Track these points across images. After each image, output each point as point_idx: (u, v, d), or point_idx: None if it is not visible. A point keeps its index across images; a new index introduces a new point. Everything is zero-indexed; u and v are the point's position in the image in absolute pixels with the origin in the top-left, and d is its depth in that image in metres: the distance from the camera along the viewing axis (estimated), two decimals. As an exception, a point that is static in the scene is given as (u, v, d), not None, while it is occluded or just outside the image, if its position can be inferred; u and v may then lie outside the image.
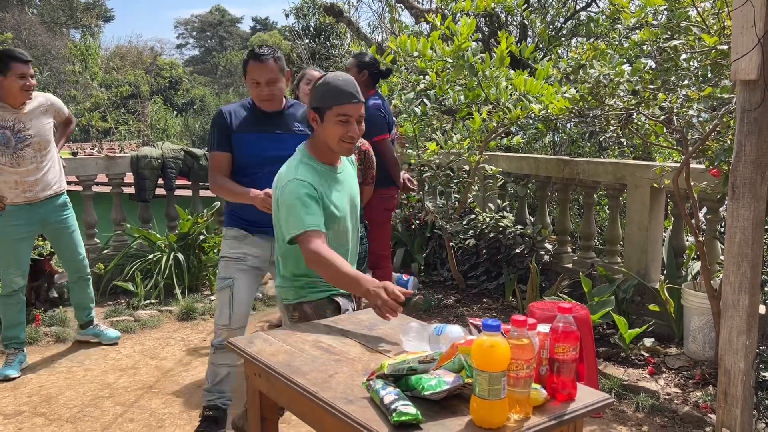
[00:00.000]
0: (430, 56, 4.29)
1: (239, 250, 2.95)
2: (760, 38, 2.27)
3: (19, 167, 3.66)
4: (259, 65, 2.79)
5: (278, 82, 2.84)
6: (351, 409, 1.53)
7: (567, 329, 1.54)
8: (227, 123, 2.87)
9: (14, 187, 3.67)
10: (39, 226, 3.84)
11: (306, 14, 14.51)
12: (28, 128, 3.67)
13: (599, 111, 3.79)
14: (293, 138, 2.82)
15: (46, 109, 3.80)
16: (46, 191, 3.78)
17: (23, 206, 3.72)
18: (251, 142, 2.86)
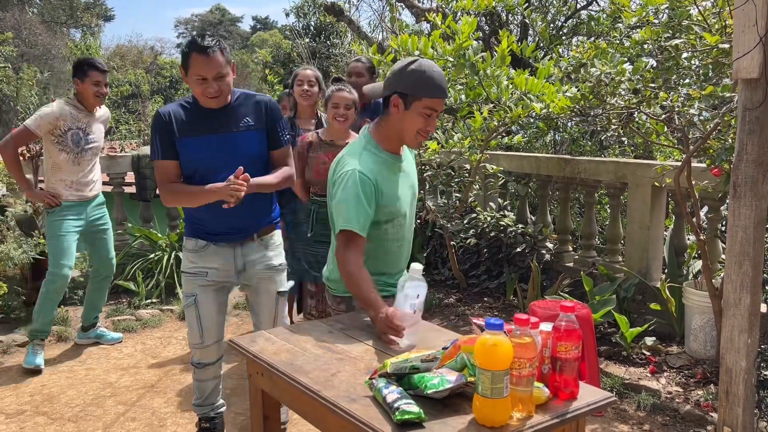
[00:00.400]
0: (431, 55, 4.28)
1: (198, 264, 2.68)
2: (762, 37, 2.27)
3: (78, 166, 3.93)
4: (205, 59, 2.43)
5: (227, 77, 2.50)
6: (354, 408, 1.53)
7: (569, 328, 1.54)
8: (169, 127, 2.53)
9: (69, 185, 3.94)
10: (84, 222, 4.05)
11: (306, 13, 14.49)
12: (93, 132, 3.98)
13: (600, 110, 3.79)
14: (245, 137, 2.57)
15: (104, 120, 4.14)
16: (93, 191, 4.07)
17: (75, 203, 3.97)
18: (199, 148, 2.53)
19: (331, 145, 3.43)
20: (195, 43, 2.45)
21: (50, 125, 3.81)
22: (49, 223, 3.94)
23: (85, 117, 3.91)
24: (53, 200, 3.88)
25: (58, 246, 3.90)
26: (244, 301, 5.10)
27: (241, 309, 4.98)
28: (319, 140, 3.48)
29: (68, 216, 3.92)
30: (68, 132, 3.85)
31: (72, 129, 3.85)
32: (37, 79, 20.46)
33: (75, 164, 3.91)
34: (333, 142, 3.43)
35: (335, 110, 3.35)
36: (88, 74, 3.83)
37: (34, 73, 20.15)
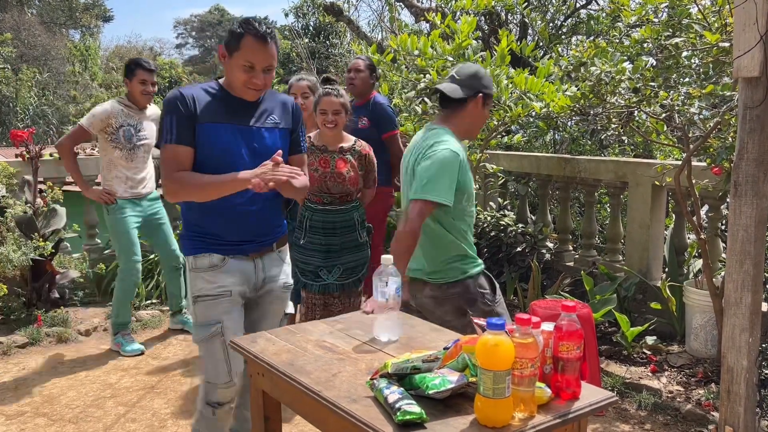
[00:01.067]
0: (430, 55, 4.28)
1: (218, 283, 2.29)
2: (763, 35, 2.26)
3: (131, 163, 4.09)
4: (261, 46, 2.18)
5: (274, 69, 2.29)
6: (355, 408, 1.52)
7: (571, 327, 1.54)
8: (190, 110, 2.22)
9: (123, 182, 4.10)
10: (142, 217, 4.21)
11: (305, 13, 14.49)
12: (146, 130, 4.13)
13: (600, 109, 3.78)
14: (270, 133, 2.35)
15: (155, 119, 4.22)
16: (147, 188, 4.22)
17: (129, 200, 4.12)
18: (224, 136, 2.25)
19: (323, 150, 3.34)
20: (252, 25, 2.16)
21: (102, 123, 3.99)
22: (111, 222, 4.12)
23: (135, 114, 4.09)
24: (109, 198, 4.07)
25: (124, 242, 4.11)
26: None
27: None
28: (311, 145, 3.37)
29: (126, 212, 4.10)
30: (120, 129, 4.02)
31: (123, 126, 4.02)
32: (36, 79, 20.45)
33: (129, 160, 4.07)
34: (325, 147, 3.35)
35: (323, 116, 3.27)
36: (135, 73, 4.04)
37: (33, 74, 20.15)
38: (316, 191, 3.32)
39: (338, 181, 3.30)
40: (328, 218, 3.34)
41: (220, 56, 2.29)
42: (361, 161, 3.40)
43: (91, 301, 5.07)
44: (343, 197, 3.35)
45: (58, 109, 21.67)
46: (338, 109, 3.26)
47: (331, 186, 3.29)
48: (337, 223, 3.35)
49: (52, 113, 21.30)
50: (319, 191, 3.32)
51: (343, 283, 3.36)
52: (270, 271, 2.42)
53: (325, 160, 3.33)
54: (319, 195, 3.34)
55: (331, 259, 3.34)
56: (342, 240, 3.36)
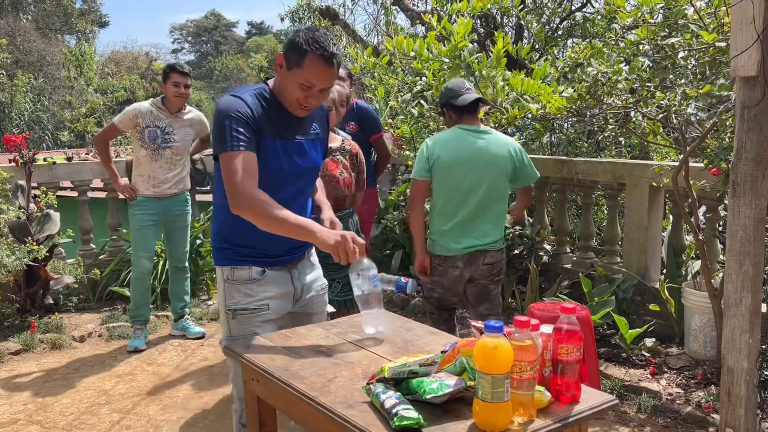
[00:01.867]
0: (426, 57, 4.27)
1: (258, 297, 2.18)
2: (760, 34, 2.25)
3: (155, 163, 4.16)
4: (326, 69, 2.02)
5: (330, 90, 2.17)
6: (351, 414, 1.50)
7: (571, 330, 1.52)
8: (252, 120, 2.05)
9: (147, 180, 4.19)
10: (162, 216, 4.30)
11: (301, 18, 14.49)
12: (175, 133, 4.19)
13: (597, 110, 3.77)
14: (312, 146, 2.24)
15: (193, 123, 4.32)
16: (172, 189, 4.27)
17: (150, 198, 4.21)
18: (275, 153, 2.12)
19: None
20: (320, 44, 2.00)
21: (130, 122, 4.12)
22: (130, 216, 4.27)
23: (166, 117, 4.16)
24: (131, 194, 4.20)
25: (136, 237, 4.25)
26: None
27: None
28: None
29: (144, 210, 4.20)
30: (146, 129, 4.10)
31: (150, 127, 4.11)
32: (32, 85, 20.41)
33: (153, 161, 4.15)
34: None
35: None
36: (169, 76, 4.12)
37: (29, 80, 20.12)
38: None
39: (332, 185, 2.98)
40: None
41: (277, 65, 2.12)
42: (353, 161, 3.13)
43: (86, 307, 5.04)
44: (337, 203, 3.01)
45: (53, 115, 21.64)
46: (330, 105, 3.03)
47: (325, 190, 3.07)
48: None
49: (47, 119, 21.26)
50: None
51: (344, 299, 3.03)
52: (305, 278, 2.34)
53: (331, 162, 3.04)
54: None
55: (328, 273, 2.92)
56: None
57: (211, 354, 4.19)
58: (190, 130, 4.29)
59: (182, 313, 4.56)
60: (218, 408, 3.41)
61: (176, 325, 4.58)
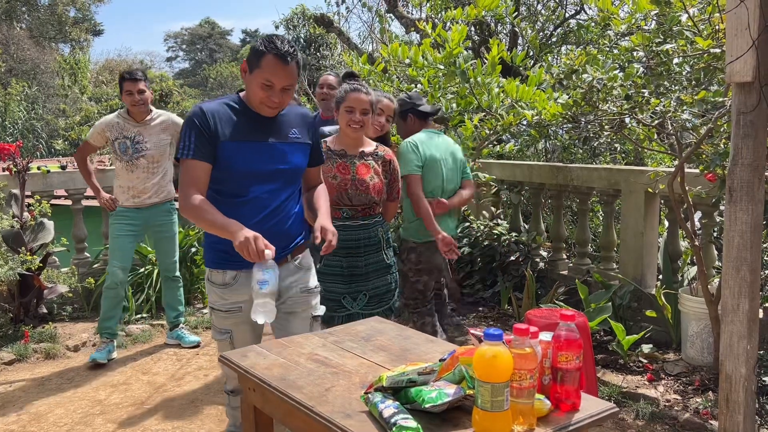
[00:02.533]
0: (421, 64, 4.27)
1: (230, 300, 2.36)
2: (755, 40, 2.25)
3: (132, 173, 4.08)
4: (281, 66, 2.17)
5: (293, 89, 2.28)
6: (349, 424, 1.48)
7: (570, 337, 1.51)
8: (211, 127, 2.22)
9: (126, 191, 4.12)
10: (144, 227, 4.25)
11: (296, 25, 14.52)
12: (146, 141, 4.08)
13: (592, 116, 3.78)
14: (290, 149, 2.33)
15: (166, 127, 4.18)
16: (153, 199, 4.17)
17: (132, 209, 4.14)
18: (245, 154, 2.26)
19: (341, 155, 2.93)
20: (274, 44, 2.16)
21: (100, 136, 4.11)
22: (109, 226, 4.23)
23: (134, 127, 4.06)
24: (111, 204, 4.16)
25: (113, 246, 4.17)
26: None
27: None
28: (327, 150, 2.93)
29: (123, 220, 4.13)
30: (115, 141, 4.06)
31: (119, 139, 4.05)
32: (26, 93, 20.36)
33: (129, 171, 4.08)
34: (344, 151, 2.93)
35: (349, 115, 2.84)
36: (121, 86, 4.03)
37: (23, 88, 20.07)
38: (334, 203, 2.81)
39: (361, 190, 2.86)
40: (349, 235, 2.89)
41: (242, 71, 2.30)
42: (385, 168, 2.98)
43: (80, 316, 5.00)
44: (366, 209, 2.92)
45: (47, 123, 21.57)
46: (367, 108, 2.85)
47: (353, 196, 2.87)
48: (360, 241, 2.92)
49: (41, 127, 21.19)
50: (338, 203, 2.87)
51: (371, 312, 2.89)
52: (285, 281, 2.39)
53: (344, 166, 2.89)
54: (338, 208, 2.88)
55: (355, 284, 2.92)
56: (366, 261, 2.94)
57: (206, 363, 4.16)
58: (164, 135, 4.15)
59: (176, 323, 4.52)
60: (213, 418, 3.38)
61: (171, 335, 4.52)
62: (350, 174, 2.87)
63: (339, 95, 2.89)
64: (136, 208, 4.14)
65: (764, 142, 2.41)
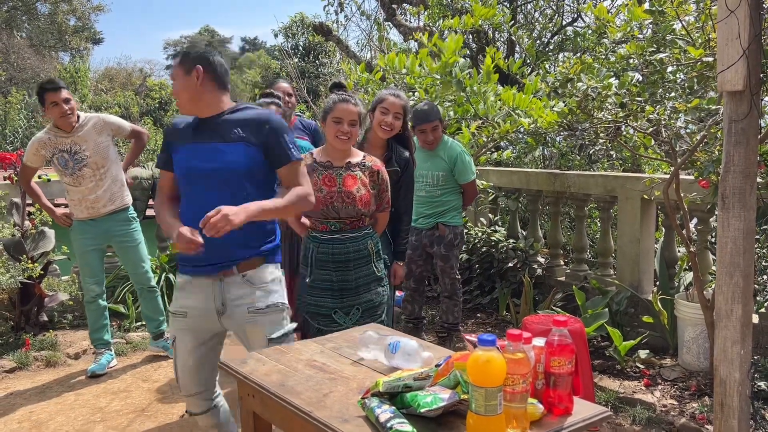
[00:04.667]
0: (418, 73, 4.31)
1: (179, 302, 2.42)
2: (745, 49, 2.29)
3: (80, 186, 3.91)
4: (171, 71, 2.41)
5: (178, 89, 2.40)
6: (346, 429, 1.51)
7: (562, 342, 1.54)
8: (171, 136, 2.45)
9: (78, 204, 3.96)
10: (105, 238, 4.09)
11: (295, 33, 14.59)
12: (84, 149, 3.89)
13: (588, 124, 3.81)
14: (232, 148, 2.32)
15: (101, 129, 3.97)
16: (108, 207, 4.00)
17: (88, 221, 3.99)
18: (185, 156, 2.38)
19: (327, 167, 2.86)
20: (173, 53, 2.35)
21: (35, 156, 3.92)
22: (71, 241, 4.10)
23: (65, 139, 3.86)
24: (66, 220, 4.05)
25: (81, 263, 4.08)
26: None
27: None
28: (313, 162, 2.87)
29: (83, 234, 4.01)
30: (53, 158, 3.89)
31: (56, 154, 3.87)
32: (26, 102, 20.41)
33: (76, 185, 3.92)
34: (330, 163, 2.86)
35: (337, 126, 2.77)
36: (43, 98, 3.80)
37: (23, 97, 20.11)
38: (321, 216, 2.81)
39: (347, 202, 2.79)
40: (338, 249, 2.83)
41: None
42: (373, 178, 2.88)
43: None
44: (354, 222, 2.85)
45: (47, 132, 21.58)
46: (355, 119, 2.78)
47: (340, 208, 2.79)
48: (350, 254, 2.84)
49: (41, 136, 21.17)
50: (325, 216, 2.81)
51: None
52: (229, 293, 2.36)
53: (330, 178, 2.82)
54: (325, 221, 2.83)
55: (346, 299, 2.85)
56: (357, 275, 2.86)
57: (206, 370, 4.18)
58: (100, 138, 3.93)
59: (159, 332, 4.37)
60: (214, 424, 3.40)
61: (155, 344, 4.41)
62: (336, 186, 2.80)
63: (327, 105, 2.83)
64: (92, 220, 3.97)
65: (756, 150, 2.44)
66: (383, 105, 3.26)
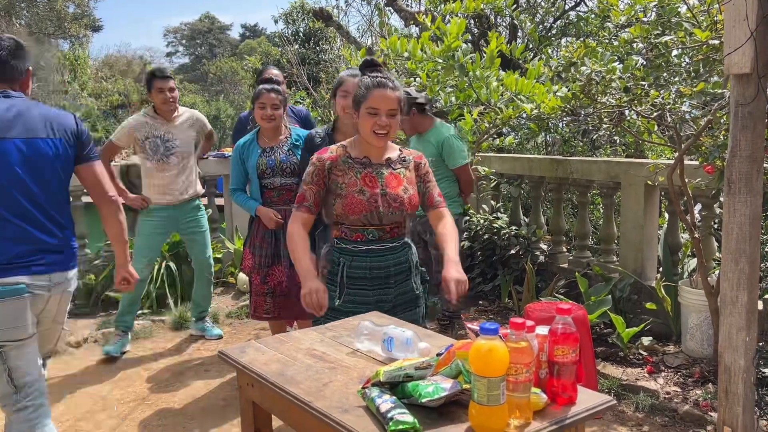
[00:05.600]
0: (420, 57, 4.25)
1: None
2: (753, 31, 2.24)
3: (164, 172, 4.12)
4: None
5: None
6: (346, 419, 1.49)
7: (566, 331, 1.51)
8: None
9: (159, 189, 4.15)
10: (174, 225, 4.28)
11: (295, 20, 14.47)
12: (175, 139, 4.13)
13: (591, 109, 3.77)
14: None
15: (192, 124, 4.26)
16: (184, 195, 4.22)
17: (164, 207, 4.19)
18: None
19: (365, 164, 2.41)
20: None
21: (127, 137, 4.10)
22: (138, 223, 4.25)
23: (162, 125, 4.10)
24: (142, 203, 4.17)
25: (142, 243, 4.21)
26: (237, 310, 5.04)
27: (234, 318, 4.92)
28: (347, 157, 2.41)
29: (154, 218, 4.18)
30: (146, 141, 4.06)
31: (149, 138, 4.06)
32: (25, 90, 20.33)
33: (159, 170, 4.11)
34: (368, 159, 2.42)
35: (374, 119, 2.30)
36: (152, 84, 4.04)
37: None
38: (359, 223, 2.33)
39: (394, 206, 2.34)
40: (379, 263, 2.36)
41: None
42: (419, 173, 2.46)
43: (81, 313, 5.00)
44: (395, 230, 2.40)
45: (47, 120, 21.52)
46: (395, 108, 2.31)
47: (384, 214, 2.32)
48: (390, 269, 2.38)
49: (41, 124, 21.13)
50: (363, 223, 2.33)
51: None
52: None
53: (370, 178, 2.35)
54: (362, 229, 2.35)
55: None
56: (396, 293, 2.41)
57: (207, 358, 4.18)
58: (191, 132, 4.24)
59: (202, 316, 4.59)
60: (215, 413, 3.40)
61: (195, 326, 4.60)
62: (379, 187, 2.34)
63: (359, 93, 2.32)
64: (168, 206, 4.19)
65: (763, 134, 2.40)
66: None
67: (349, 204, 2.30)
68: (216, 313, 4.89)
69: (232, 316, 4.94)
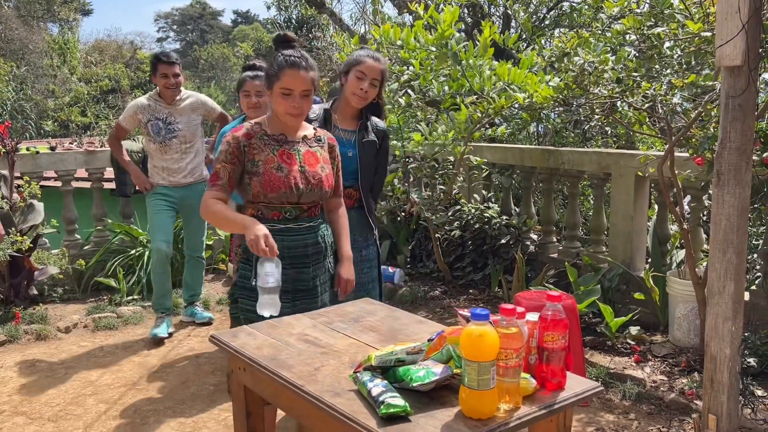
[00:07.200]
0: (413, 46, 4.25)
1: None
2: (744, 23, 2.26)
3: (165, 155, 4.17)
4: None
5: None
6: (338, 402, 1.50)
7: (556, 317, 1.53)
8: None
9: (161, 171, 4.21)
10: (178, 204, 4.31)
11: (288, 6, 14.37)
12: (178, 122, 4.16)
13: (583, 99, 3.78)
14: None
15: (196, 108, 4.26)
16: (187, 179, 4.26)
17: (166, 188, 4.24)
18: None
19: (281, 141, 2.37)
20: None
21: (132, 118, 4.17)
22: (147, 205, 4.28)
23: (165, 108, 4.13)
24: (147, 185, 4.23)
25: (152, 223, 4.24)
26: (227, 297, 5.04)
27: (224, 305, 4.92)
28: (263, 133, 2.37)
29: (161, 197, 4.22)
30: (148, 123, 4.11)
31: (151, 120, 4.11)
32: (14, 74, 20.12)
33: (162, 153, 4.16)
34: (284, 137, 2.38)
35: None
36: (156, 68, 4.07)
37: (11, 68, 19.82)
38: (277, 201, 2.28)
39: (313, 184, 2.31)
40: (296, 241, 2.31)
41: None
42: (332, 155, 2.45)
43: (71, 298, 5.00)
44: (312, 209, 2.37)
45: (36, 104, 21.33)
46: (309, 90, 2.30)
47: (303, 191, 2.29)
48: (308, 248, 2.33)
49: (30, 108, 20.96)
50: (282, 201, 2.28)
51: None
52: None
53: (288, 155, 2.31)
54: (280, 207, 2.31)
55: (300, 302, 2.32)
56: (314, 273, 2.36)
57: (197, 344, 4.18)
58: (194, 116, 4.24)
59: (192, 300, 4.61)
60: (204, 398, 3.41)
61: (186, 311, 4.61)
62: (297, 164, 2.31)
63: (271, 71, 2.29)
64: (170, 187, 4.23)
65: (752, 126, 2.42)
66: (360, 68, 2.72)
67: (267, 181, 2.25)
68: (206, 299, 4.90)
69: (223, 303, 4.94)
